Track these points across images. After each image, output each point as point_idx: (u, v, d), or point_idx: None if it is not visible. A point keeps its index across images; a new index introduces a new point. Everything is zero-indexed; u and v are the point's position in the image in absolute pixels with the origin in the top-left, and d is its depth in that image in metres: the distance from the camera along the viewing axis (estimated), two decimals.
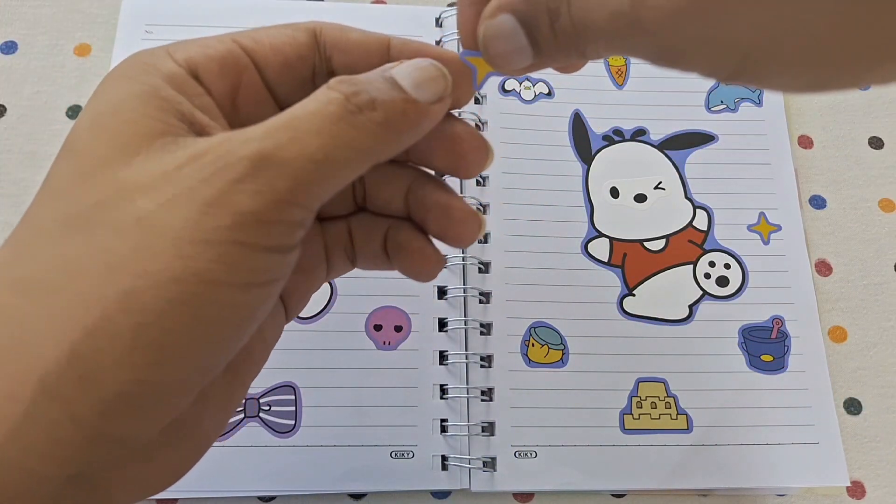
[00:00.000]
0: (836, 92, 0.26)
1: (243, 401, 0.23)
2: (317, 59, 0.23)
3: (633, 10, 0.17)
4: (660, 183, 0.38)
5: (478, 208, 0.36)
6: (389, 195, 0.25)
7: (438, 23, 0.41)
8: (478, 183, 0.37)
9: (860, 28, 0.15)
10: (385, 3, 0.42)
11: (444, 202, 0.24)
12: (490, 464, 0.32)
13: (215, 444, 0.31)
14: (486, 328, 0.35)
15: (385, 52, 0.23)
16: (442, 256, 0.25)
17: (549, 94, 0.40)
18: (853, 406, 0.35)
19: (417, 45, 0.23)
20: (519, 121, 0.39)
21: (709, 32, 0.16)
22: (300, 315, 0.34)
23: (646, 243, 0.37)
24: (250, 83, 0.22)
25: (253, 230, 0.18)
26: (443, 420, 0.33)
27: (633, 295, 0.36)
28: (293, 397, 0.33)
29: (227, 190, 0.18)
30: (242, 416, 0.32)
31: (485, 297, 0.35)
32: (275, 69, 0.22)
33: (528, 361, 0.34)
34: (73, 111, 0.38)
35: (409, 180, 0.24)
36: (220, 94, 0.21)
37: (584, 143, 0.39)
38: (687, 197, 0.38)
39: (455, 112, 0.24)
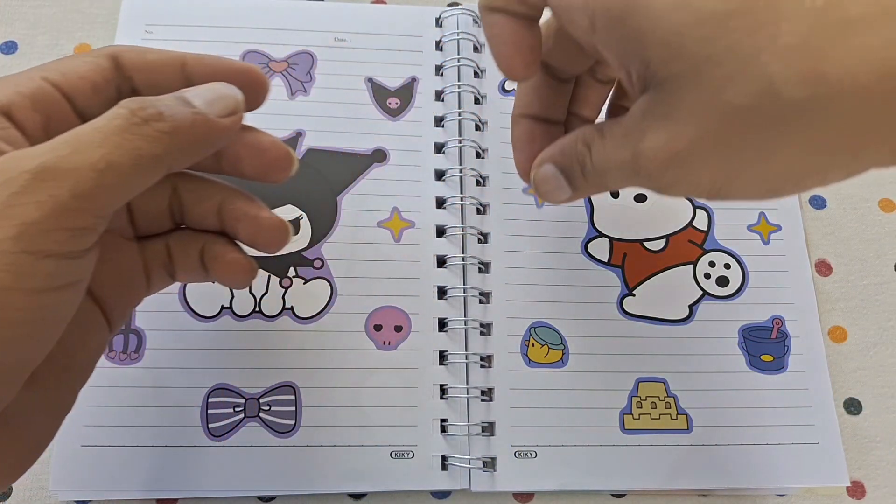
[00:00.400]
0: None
1: (71, 406, 0.25)
2: (120, 81, 0.25)
3: (633, 162, 0.24)
4: None
5: (478, 208, 0.36)
6: (204, 211, 0.27)
7: (438, 23, 0.41)
8: (478, 183, 0.37)
9: (765, 173, 0.22)
10: (385, 2, 0.42)
11: (254, 213, 0.27)
12: (490, 464, 0.32)
13: (215, 444, 0.32)
14: (486, 328, 0.35)
15: (181, 68, 0.26)
16: (255, 266, 0.28)
17: None
18: (853, 406, 0.35)
19: (211, 59, 0.26)
20: None
21: (685, 177, 0.23)
22: (300, 315, 0.34)
23: (646, 243, 0.37)
24: (61, 113, 0.24)
25: (38, 239, 0.20)
26: (443, 420, 0.33)
27: (633, 295, 0.36)
28: (293, 397, 0.33)
29: (10, 203, 0.19)
30: (242, 416, 0.32)
31: (485, 297, 0.35)
32: (83, 97, 0.24)
33: (528, 361, 0.34)
34: None
35: (222, 196, 0.27)
36: (33, 127, 0.23)
37: None
38: (687, 197, 0.38)
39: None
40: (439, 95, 0.39)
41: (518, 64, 0.28)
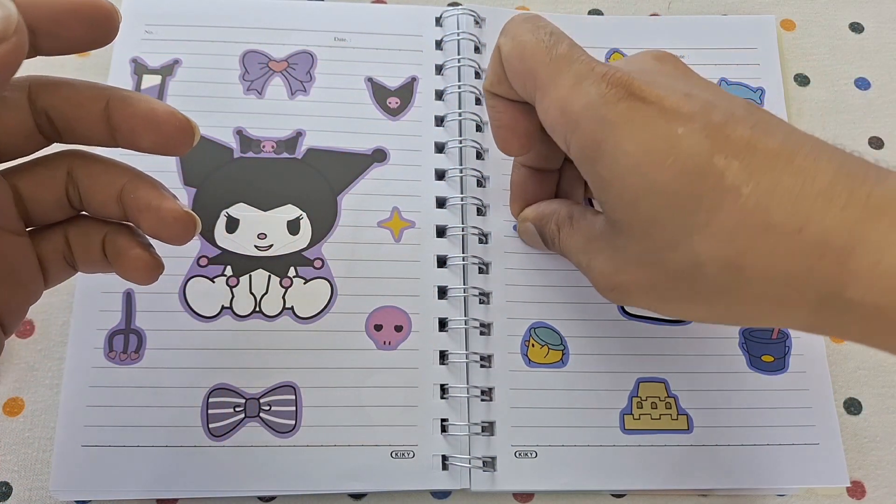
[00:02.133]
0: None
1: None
2: None
3: (586, 271, 0.29)
4: None
5: (479, 208, 0.36)
6: (104, 199, 0.24)
7: (439, 22, 0.41)
8: (479, 184, 0.37)
9: (687, 316, 0.27)
10: (385, 2, 0.42)
11: (156, 204, 0.24)
12: (490, 464, 0.32)
13: (215, 443, 0.32)
14: (486, 328, 0.35)
15: None
16: (160, 262, 0.25)
17: None
18: (853, 406, 0.35)
19: None
20: None
21: (625, 300, 0.28)
22: (300, 315, 0.34)
23: None
24: None
25: None
26: (443, 420, 0.33)
27: None
28: (293, 397, 0.33)
29: None
30: (243, 415, 0.32)
31: (485, 297, 0.35)
32: None
33: (529, 361, 0.34)
34: None
35: (123, 182, 0.24)
36: None
37: None
38: None
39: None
40: (440, 95, 0.39)
41: (513, 145, 0.31)
